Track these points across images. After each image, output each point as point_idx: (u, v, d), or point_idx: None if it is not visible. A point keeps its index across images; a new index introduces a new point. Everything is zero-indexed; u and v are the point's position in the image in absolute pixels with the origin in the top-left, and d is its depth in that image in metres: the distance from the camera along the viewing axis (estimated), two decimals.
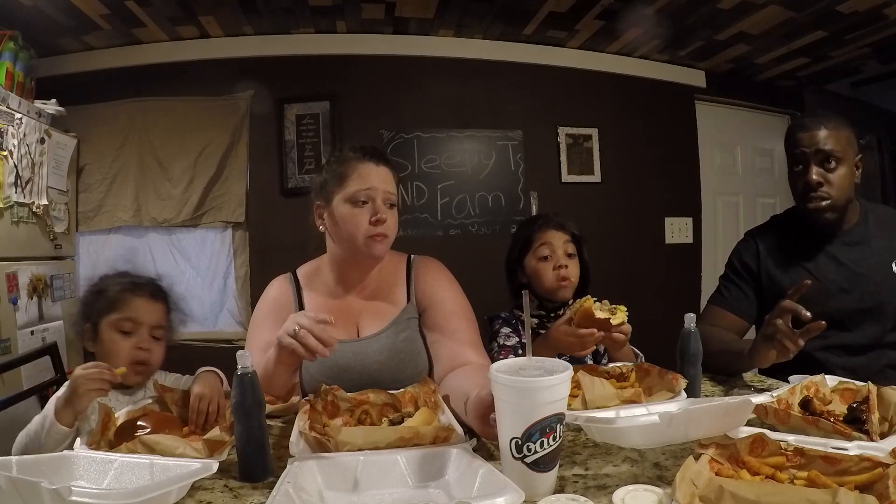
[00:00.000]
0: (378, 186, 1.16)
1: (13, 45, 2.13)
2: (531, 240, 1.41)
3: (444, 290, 1.24)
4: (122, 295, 1.10)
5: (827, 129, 1.31)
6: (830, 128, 1.31)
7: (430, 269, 1.28)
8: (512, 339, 1.36)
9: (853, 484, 0.62)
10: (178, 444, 0.82)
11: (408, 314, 1.23)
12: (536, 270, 1.39)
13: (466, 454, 0.76)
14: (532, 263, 1.41)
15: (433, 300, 1.23)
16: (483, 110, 2.92)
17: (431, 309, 1.22)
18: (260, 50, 2.69)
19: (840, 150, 1.30)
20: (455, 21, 2.67)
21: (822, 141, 1.30)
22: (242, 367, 0.78)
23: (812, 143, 1.31)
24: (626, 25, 2.68)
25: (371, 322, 1.23)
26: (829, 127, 1.31)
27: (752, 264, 1.45)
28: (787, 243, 1.43)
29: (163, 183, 2.68)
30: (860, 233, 1.38)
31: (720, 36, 2.78)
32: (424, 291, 1.24)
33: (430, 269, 1.28)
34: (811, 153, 1.31)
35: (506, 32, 2.82)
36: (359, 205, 1.15)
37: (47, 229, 2.27)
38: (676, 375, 1.02)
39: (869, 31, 2.68)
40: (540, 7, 2.51)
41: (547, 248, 1.39)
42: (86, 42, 2.58)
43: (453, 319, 1.20)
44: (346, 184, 1.16)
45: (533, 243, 1.41)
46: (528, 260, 1.41)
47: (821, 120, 1.32)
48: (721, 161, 3.44)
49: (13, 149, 2.02)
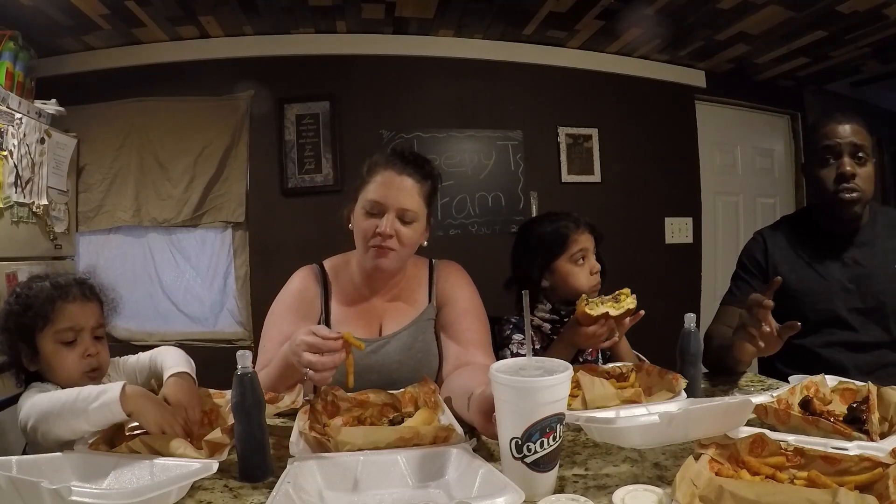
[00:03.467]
0: (393, 199, 1.13)
1: (13, 45, 2.13)
2: (566, 243, 1.35)
3: (461, 290, 1.27)
4: (53, 304, 0.99)
5: (857, 125, 1.33)
6: (860, 124, 1.34)
7: (451, 271, 1.30)
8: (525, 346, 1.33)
9: (853, 484, 0.62)
10: (178, 445, 0.82)
11: (427, 315, 1.25)
12: (570, 275, 1.34)
13: (466, 454, 0.76)
14: (566, 267, 1.35)
15: (449, 299, 1.25)
16: (483, 110, 2.92)
17: (446, 307, 1.25)
18: (260, 50, 2.69)
19: (868, 146, 1.33)
20: (455, 21, 2.67)
21: (855, 134, 1.32)
22: (242, 367, 0.78)
23: (846, 135, 1.32)
24: (626, 25, 2.68)
25: (393, 322, 1.24)
26: (859, 123, 1.34)
27: (762, 260, 1.46)
28: (796, 242, 1.45)
29: (163, 183, 2.68)
30: (869, 234, 1.39)
31: (720, 36, 2.78)
32: (444, 291, 1.26)
33: (451, 271, 1.30)
34: (845, 144, 1.32)
35: (506, 32, 2.82)
36: (371, 215, 1.14)
37: (47, 229, 2.27)
38: (676, 375, 1.02)
39: (869, 31, 2.67)
40: (540, 7, 2.51)
41: (583, 253, 1.35)
42: (86, 42, 2.58)
43: (464, 318, 1.22)
44: (367, 189, 1.16)
45: (568, 247, 1.35)
46: (561, 263, 1.35)
47: (850, 116, 1.35)
48: (721, 161, 3.44)
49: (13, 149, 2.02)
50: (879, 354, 1.33)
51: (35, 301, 0.99)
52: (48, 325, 0.98)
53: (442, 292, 1.27)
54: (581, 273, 1.35)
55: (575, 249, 1.34)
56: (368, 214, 1.14)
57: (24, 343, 0.99)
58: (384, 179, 1.14)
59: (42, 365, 1.00)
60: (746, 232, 3.46)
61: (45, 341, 0.98)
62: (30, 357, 1.00)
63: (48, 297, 0.99)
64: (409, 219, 1.14)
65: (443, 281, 1.28)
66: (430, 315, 1.26)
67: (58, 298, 1.00)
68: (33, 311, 0.98)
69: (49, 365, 0.99)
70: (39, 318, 0.98)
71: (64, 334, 0.99)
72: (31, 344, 0.99)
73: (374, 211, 1.14)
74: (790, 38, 2.77)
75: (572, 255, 1.35)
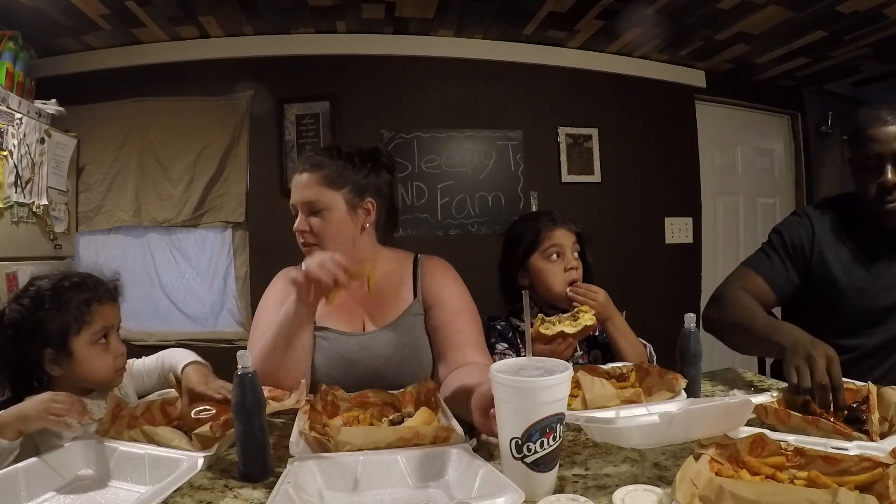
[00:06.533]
0: (296, 197, 1.20)
1: (13, 45, 2.13)
2: (538, 238, 1.34)
3: (450, 290, 1.25)
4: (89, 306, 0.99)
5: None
6: None
7: (437, 267, 1.29)
8: (508, 355, 1.30)
9: (853, 484, 0.62)
10: (174, 436, 0.84)
11: (413, 311, 1.24)
12: (543, 271, 1.32)
13: (466, 454, 0.76)
14: (539, 264, 1.33)
15: (439, 298, 1.24)
16: (483, 110, 2.92)
17: (437, 308, 1.23)
18: (260, 50, 2.69)
19: None
20: (455, 21, 2.67)
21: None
22: (242, 367, 0.78)
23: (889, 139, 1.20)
24: (626, 25, 2.68)
25: (376, 317, 1.24)
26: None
27: (805, 245, 1.35)
28: (844, 233, 1.33)
29: (163, 183, 2.68)
30: None
31: (720, 36, 2.77)
32: (431, 289, 1.25)
33: (437, 267, 1.29)
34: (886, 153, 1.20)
35: (506, 32, 2.82)
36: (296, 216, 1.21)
37: (47, 229, 2.27)
38: (676, 375, 1.02)
39: (869, 31, 2.67)
40: (540, 7, 2.51)
41: (556, 249, 1.32)
42: (86, 42, 2.58)
43: (458, 319, 1.21)
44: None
45: (541, 242, 1.33)
46: (535, 260, 1.34)
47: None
48: (721, 161, 3.44)
49: (13, 149, 2.02)
50: None
51: (68, 305, 0.97)
52: (84, 328, 0.98)
53: (430, 291, 1.25)
54: (554, 269, 1.32)
55: (547, 245, 1.33)
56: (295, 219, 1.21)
57: (52, 348, 0.97)
58: (293, 182, 1.22)
59: (74, 368, 0.98)
60: (746, 232, 3.49)
61: (80, 344, 0.98)
62: (57, 361, 0.97)
63: (84, 300, 0.99)
64: (317, 209, 1.18)
65: (429, 278, 1.26)
66: (416, 311, 1.24)
67: (93, 300, 1.00)
68: (69, 314, 0.97)
69: (84, 367, 0.99)
70: (75, 322, 0.97)
71: (98, 335, 1.00)
72: (63, 348, 0.97)
73: (295, 214, 1.22)
74: (790, 38, 2.77)
75: (545, 251, 1.33)
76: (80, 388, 1.01)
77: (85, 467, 0.83)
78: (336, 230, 1.18)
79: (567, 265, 1.32)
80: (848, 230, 1.34)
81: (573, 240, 1.35)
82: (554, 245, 1.33)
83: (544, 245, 1.33)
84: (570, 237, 1.35)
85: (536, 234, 1.35)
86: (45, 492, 0.77)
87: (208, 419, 0.90)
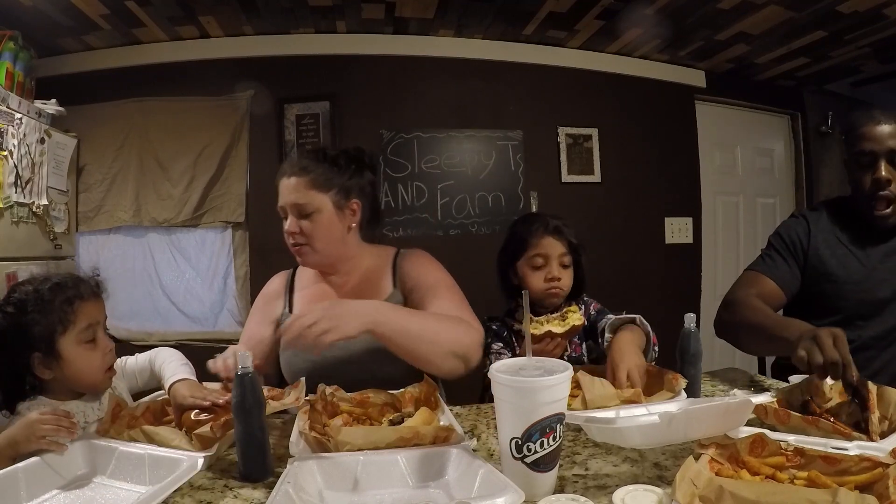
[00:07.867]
0: (285, 200, 1.22)
1: (13, 45, 2.13)
2: (525, 245, 1.35)
3: (426, 269, 1.28)
4: (72, 305, 0.97)
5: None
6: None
7: (415, 256, 1.33)
8: (503, 355, 1.30)
9: (853, 484, 0.62)
10: (174, 436, 0.85)
11: (394, 299, 1.25)
12: (525, 276, 1.34)
13: (466, 454, 0.76)
14: (523, 269, 1.35)
15: (415, 280, 1.26)
16: (483, 110, 2.92)
17: (414, 289, 1.25)
18: (260, 50, 2.69)
19: None
20: (455, 21, 2.67)
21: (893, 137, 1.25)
22: (242, 367, 0.78)
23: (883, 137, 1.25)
24: (626, 25, 2.68)
25: None
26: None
27: (803, 241, 1.40)
28: (838, 228, 1.39)
29: (163, 183, 2.68)
30: None
31: (720, 36, 2.77)
32: (409, 274, 1.27)
33: (415, 256, 1.33)
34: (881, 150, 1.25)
35: (506, 32, 2.82)
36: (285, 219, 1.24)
37: (47, 229, 2.27)
38: (676, 375, 1.03)
39: (869, 31, 2.67)
40: (540, 7, 2.51)
41: (541, 259, 1.33)
42: (86, 42, 2.58)
43: (436, 290, 1.22)
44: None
45: (527, 249, 1.34)
46: (520, 265, 1.36)
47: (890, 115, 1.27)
48: (721, 161, 3.43)
49: (13, 149, 2.02)
50: None
51: (52, 306, 0.96)
52: (70, 328, 0.96)
53: (407, 276, 1.27)
54: (535, 278, 1.33)
55: (532, 253, 1.33)
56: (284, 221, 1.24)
57: (40, 351, 0.95)
58: (281, 186, 1.24)
59: (64, 369, 0.97)
60: (746, 232, 3.49)
61: (67, 345, 0.96)
62: (47, 364, 0.96)
63: (66, 299, 0.97)
64: (306, 211, 1.21)
65: (407, 266, 1.29)
66: (396, 299, 1.25)
67: (76, 299, 0.98)
68: (53, 315, 0.95)
69: (74, 367, 0.97)
70: (60, 323, 0.96)
71: (85, 334, 0.98)
72: (51, 350, 0.95)
73: (283, 216, 1.24)
74: (790, 38, 2.77)
75: (529, 258, 1.34)
76: (71, 392, 1.00)
77: (85, 467, 0.83)
78: (325, 231, 1.22)
79: (548, 275, 1.33)
80: (843, 227, 1.39)
81: (562, 250, 1.34)
82: (539, 255, 1.33)
83: (530, 252, 1.34)
84: (558, 247, 1.34)
85: (524, 241, 1.36)
86: (45, 492, 0.77)
87: (208, 420, 0.90)
